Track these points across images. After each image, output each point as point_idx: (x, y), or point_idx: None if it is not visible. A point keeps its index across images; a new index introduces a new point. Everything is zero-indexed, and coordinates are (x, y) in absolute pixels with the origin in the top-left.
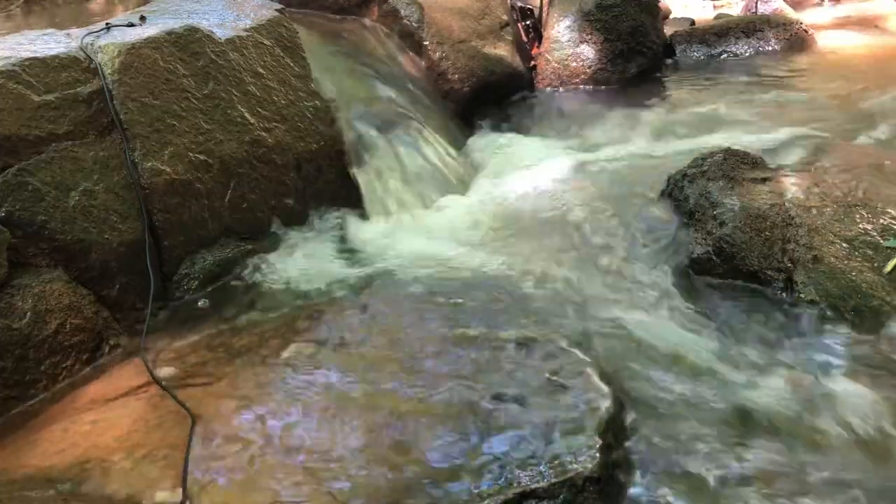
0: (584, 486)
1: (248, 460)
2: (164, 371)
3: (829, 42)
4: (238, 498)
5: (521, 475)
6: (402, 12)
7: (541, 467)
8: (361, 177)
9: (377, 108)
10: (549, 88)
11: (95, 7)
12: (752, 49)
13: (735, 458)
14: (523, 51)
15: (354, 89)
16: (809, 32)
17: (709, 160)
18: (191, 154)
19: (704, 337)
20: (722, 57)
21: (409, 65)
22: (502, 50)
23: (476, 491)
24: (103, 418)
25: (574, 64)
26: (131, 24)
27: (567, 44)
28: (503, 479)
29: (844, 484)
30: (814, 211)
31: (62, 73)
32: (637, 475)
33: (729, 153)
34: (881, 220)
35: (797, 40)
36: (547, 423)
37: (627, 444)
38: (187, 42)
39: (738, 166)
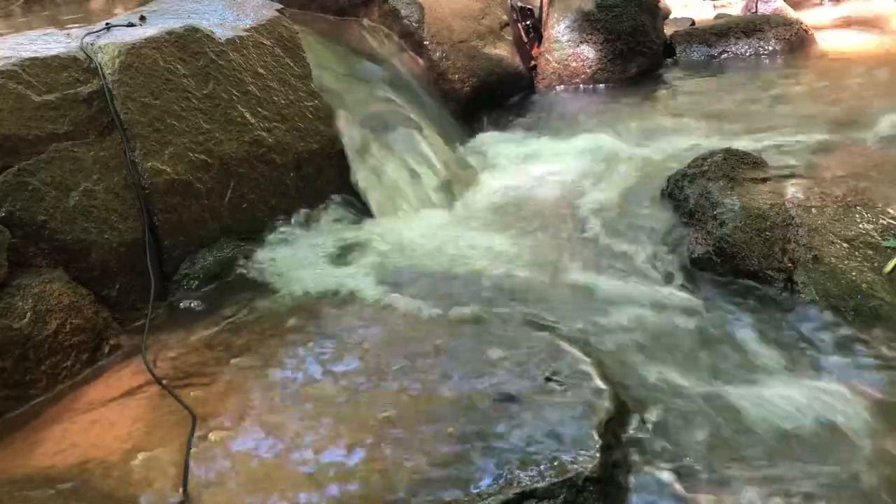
0: (584, 486)
1: (249, 460)
2: (164, 371)
3: (830, 42)
4: (238, 498)
5: (521, 475)
6: (402, 12)
7: (541, 467)
8: (361, 177)
9: (377, 108)
10: (549, 88)
11: (95, 7)
12: (752, 49)
13: (736, 459)
14: (523, 51)
15: (354, 89)
16: (809, 32)
17: (709, 160)
18: (191, 154)
19: (704, 337)
20: (722, 57)
21: (409, 65)
22: (502, 50)
23: (476, 491)
24: (103, 418)
25: (574, 64)
26: (131, 24)
27: (567, 44)
28: (503, 479)
29: (846, 484)
30: (814, 211)
31: (62, 73)
32: (637, 475)
33: (729, 153)
34: (881, 220)
35: (797, 40)
36: (547, 423)
37: (627, 444)
38: (187, 42)
39: (738, 166)
